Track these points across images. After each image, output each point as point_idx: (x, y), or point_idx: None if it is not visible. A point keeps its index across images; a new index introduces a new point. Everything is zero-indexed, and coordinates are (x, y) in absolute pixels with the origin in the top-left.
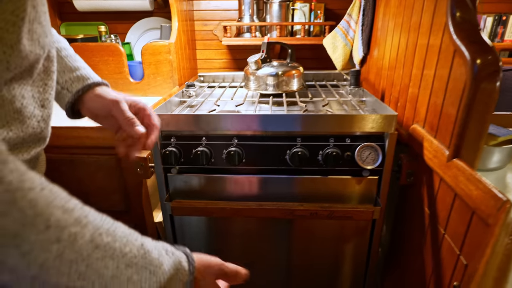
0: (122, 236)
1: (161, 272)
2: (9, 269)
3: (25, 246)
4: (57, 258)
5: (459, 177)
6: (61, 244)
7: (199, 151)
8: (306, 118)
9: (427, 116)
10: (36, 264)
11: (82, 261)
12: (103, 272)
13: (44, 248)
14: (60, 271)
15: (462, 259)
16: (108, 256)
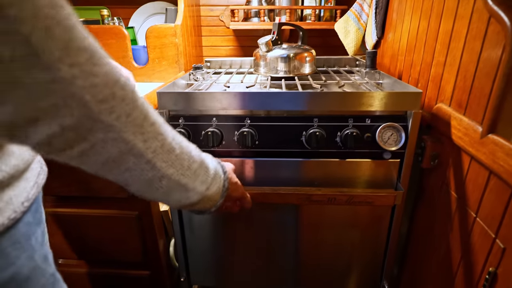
0: (185, 139)
1: (210, 169)
2: (134, 155)
3: (146, 134)
4: (162, 147)
5: (496, 153)
6: (162, 137)
7: (210, 132)
8: (323, 96)
9: (454, 94)
10: (151, 150)
11: (172, 152)
12: (182, 163)
13: (155, 137)
14: (163, 158)
15: (499, 242)
16: (184, 151)
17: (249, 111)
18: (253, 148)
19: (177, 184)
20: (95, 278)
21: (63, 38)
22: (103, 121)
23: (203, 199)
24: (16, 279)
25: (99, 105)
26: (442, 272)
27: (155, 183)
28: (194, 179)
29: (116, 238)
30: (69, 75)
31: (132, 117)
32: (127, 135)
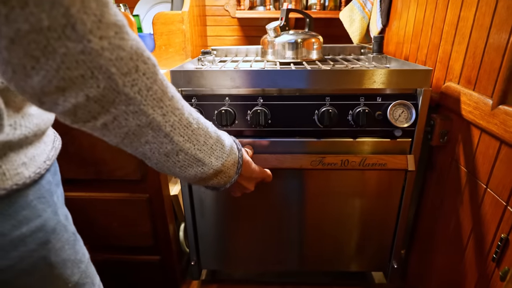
0: (202, 116)
1: (226, 145)
2: (153, 128)
3: (164, 108)
4: (179, 121)
5: (508, 122)
6: (180, 111)
7: (223, 110)
8: (334, 74)
9: (462, 71)
10: (169, 124)
11: (189, 127)
12: (199, 138)
13: (173, 112)
14: (180, 132)
15: (510, 209)
16: (200, 127)
17: (261, 90)
18: (266, 127)
19: (194, 159)
20: (104, 264)
21: (96, 12)
22: (126, 94)
23: (218, 175)
24: (43, 230)
25: (123, 78)
26: (452, 245)
27: (173, 157)
28: (210, 154)
29: (126, 223)
30: (99, 46)
31: (153, 90)
32: (147, 108)
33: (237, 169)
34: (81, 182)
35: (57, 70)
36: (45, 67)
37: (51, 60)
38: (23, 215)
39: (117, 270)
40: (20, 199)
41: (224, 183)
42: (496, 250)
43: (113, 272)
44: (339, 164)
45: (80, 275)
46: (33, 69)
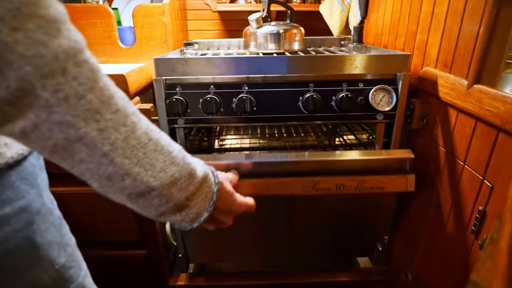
0: (165, 138)
1: (195, 176)
2: (86, 144)
3: (103, 122)
4: (124, 140)
5: (482, 100)
6: (127, 128)
7: (209, 98)
8: (318, 60)
9: (439, 56)
10: (109, 142)
11: (141, 148)
12: (154, 163)
13: (116, 128)
14: (125, 153)
15: (487, 182)
16: (158, 150)
17: (246, 78)
18: (252, 114)
19: (146, 187)
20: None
21: (15, 0)
22: (46, 99)
23: (182, 210)
24: (28, 210)
25: (43, 80)
26: (433, 224)
27: (117, 182)
28: (170, 185)
29: (111, 217)
30: (11, 39)
31: (86, 100)
32: (76, 120)
33: (208, 206)
34: (62, 176)
35: None
36: None
37: None
38: (6, 195)
39: (103, 266)
40: (3, 180)
41: (190, 221)
42: (475, 223)
43: (99, 268)
44: (334, 189)
45: (67, 258)
46: None
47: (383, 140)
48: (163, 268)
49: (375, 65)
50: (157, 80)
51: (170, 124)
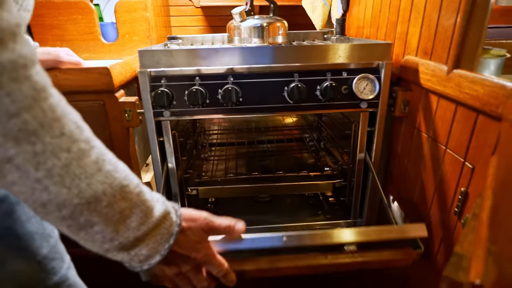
0: (122, 170)
1: (151, 215)
2: (17, 167)
3: (39, 146)
4: (64, 168)
5: (462, 84)
6: (70, 155)
7: (194, 89)
8: (302, 49)
9: (419, 44)
10: (44, 168)
11: (85, 178)
12: (100, 197)
13: (55, 154)
14: (63, 182)
15: (468, 164)
16: (108, 182)
17: (231, 69)
18: (238, 105)
19: (86, 221)
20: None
21: None
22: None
23: (130, 249)
24: (7, 201)
25: None
26: (418, 208)
27: (53, 211)
28: (118, 221)
29: None
30: None
31: (20, 119)
32: (4, 140)
33: (163, 249)
34: None
35: None
36: None
37: None
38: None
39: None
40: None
41: (139, 262)
42: (458, 204)
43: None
44: (334, 270)
45: (49, 249)
46: None
47: (368, 129)
48: None
49: (358, 54)
50: (141, 72)
51: (156, 116)
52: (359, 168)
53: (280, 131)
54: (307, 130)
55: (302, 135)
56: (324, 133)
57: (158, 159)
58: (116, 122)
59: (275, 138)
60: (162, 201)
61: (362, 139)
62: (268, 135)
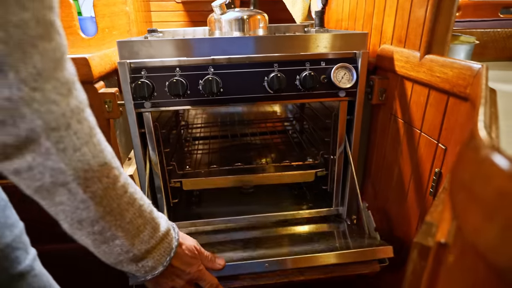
0: (139, 191)
1: (158, 230)
2: (69, 189)
3: (90, 173)
4: (104, 190)
5: (433, 68)
6: (109, 180)
7: (175, 80)
8: (282, 39)
9: (394, 33)
10: (90, 190)
11: (117, 199)
12: (125, 214)
13: (99, 179)
14: (102, 202)
15: (441, 145)
16: (130, 203)
17: (212, 60)
18: (219, 95)
19: (112, 235)
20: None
21: (38, 65)
22: (47, 148)
23: (140, 261)
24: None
25: (49, 132)
26: (397, 191)
27: (87, 227)
28: (135, 235)
29: None
30: (28, 97)
31: (81, 152)
32: (67, 168)
33: (165, 261)
34: None
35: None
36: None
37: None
38: None
39: (67, 259)
40: None
41: (144, 273)
42: (432, 184)
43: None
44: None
45: (13, 238)
46: None
47: (347, 117)
48: None
49: (336, 44)
50: (121, 63)
51: (137, 108)
52: (339, 157)
53: (263, 123)
54: (289, 123)
55: (285, 128)
56: (306, 125)
57: (140, 151)
58: (96, 113)
59: (258, 131)
60: (165, 219)
61: (342, 128)
62: (251, 128)
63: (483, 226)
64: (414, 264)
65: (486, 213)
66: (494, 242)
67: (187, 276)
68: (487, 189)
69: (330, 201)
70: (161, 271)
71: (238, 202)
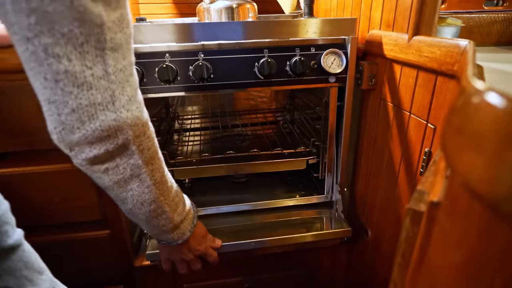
0: (170, 176)
1: (186, 205)
2: (141, 179)
3: (154, 164)
4: (161, 178)
5: (421, 48)
6: (162, 169)
7: (164, 66)
8: (272, 24)
9: (382, 17)
10: (154, 178)
11: (166, 183)
12: (169, 194)
13: (158, 169)
14: (160, 186)
15: (430, 125)
16: (171, 186)
17: (201, 46)
18: (209, 81)
19: (162, 211)
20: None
21: (129, 94)
22: (133, 150)
23: (175, 230)
24: None
25: (135, 139)
26: (387, 175)
27: (147, 206)
28: (174, 210)
29: (69, 196)
30: (125, 116)
31: (151, 150)
32: (143, 163)
33: (191, 227)
34: (12, 155)
35: (94, 131)
36: (87, 128)
37: (92, 123)
38: None
39: (63, 250)
40: None
41: (177, 239)
42: (422, 164)
43: (58, 253)
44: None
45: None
46: (78, 129)
47: (337, 104)
48: (128, 249)
49: (325, 29)
50: None
51: None
52: (330, 144)
53: (253, 114)
54: (280, 113)
55: (276, 118)
56: (297, 116)
57: None
58: None
59: (250, 121)
60: (187, 197)
61: (332, 115)
62: (242, 120)
63: (475, 160)
64: (407, 231)
65: (477, 147)
66: (486, 173)
67: (197, 252)
68: (479, 123)
69: (322, 188)
70: (188, 236)
71: (231, 192)
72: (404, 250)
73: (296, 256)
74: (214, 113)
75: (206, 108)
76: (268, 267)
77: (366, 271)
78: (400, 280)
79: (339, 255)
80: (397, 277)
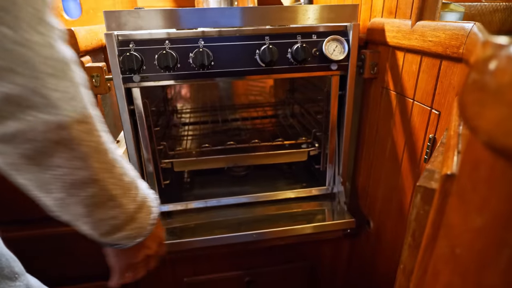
0: (121, 153)
1: (139, 189)
2: (66, 145)
3: (84, 125)
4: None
5: (425, 33)
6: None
7: (164, 52)
8: (272, 10)
9: (384, 5)
10: (85, 143)
11: (107, 155)
12: (112, 169)
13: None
14: (97, 158)
15: (434, 111)
16: (116, 159)
17: (202, 33)
18: (210, 68)
19: (106, 195)
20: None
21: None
22: (49, 98)
23: (130, 222)
24: None
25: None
26: (390, 163)
27: (83, 189)
28: (124, 193)
29: None
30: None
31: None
32: (65, 120)
33: (150, 220)
34: None
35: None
36: None
37: None
38: None
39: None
40: None
41: (135, 235)
42: (427, 151)
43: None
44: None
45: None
46: None
47: (339, 93)
48: None
49: (326, 15)
50: (108, 34)
51: (125, 82)
52: (332, 134)
53: (253, 108)
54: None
55: (276, 112)
56: (297, 108)
57: (129, 129)
58: None
59: (250, 115)
60: (146, 185)
61: (334, 104)
62: (241, 113)
63: (502, 114)
64: (417, 209)
65: (504, 100)
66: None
67: (159, 243)
68: (504, 75)
69: (323, 180)
70: (148, 233)
71: (231, 185)
72: (414, 229)
73: (298, 249)
74: (213, 107)
75: (205, 102)
76: (269, 260)
77: (367, 262)
78: (410, 261)
79: (342, 247)
80: (407, 258)
